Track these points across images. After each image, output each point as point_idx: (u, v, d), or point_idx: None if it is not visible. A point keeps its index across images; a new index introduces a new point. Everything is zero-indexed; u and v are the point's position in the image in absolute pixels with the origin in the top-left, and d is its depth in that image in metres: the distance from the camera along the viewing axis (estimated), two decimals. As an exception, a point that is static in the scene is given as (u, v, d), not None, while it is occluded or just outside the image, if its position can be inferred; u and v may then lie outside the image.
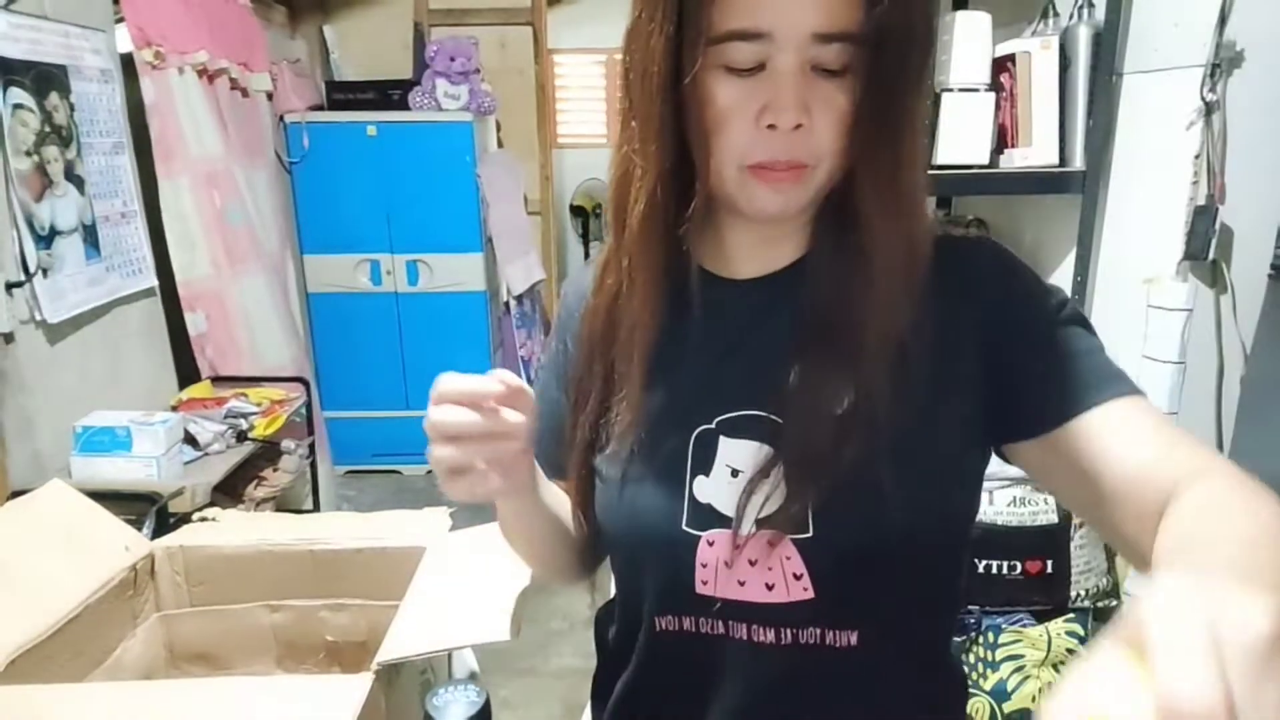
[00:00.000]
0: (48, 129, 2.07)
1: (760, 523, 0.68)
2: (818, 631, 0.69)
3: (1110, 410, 0.64)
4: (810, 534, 0.67)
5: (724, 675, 0.73)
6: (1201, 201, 1.79)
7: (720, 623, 0.71)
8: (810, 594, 0.68)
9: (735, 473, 0.69)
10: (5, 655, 0.85)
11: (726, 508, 0.69)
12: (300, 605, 1.12)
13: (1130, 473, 0.61)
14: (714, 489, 0.70)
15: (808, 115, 0.63)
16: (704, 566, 0.70)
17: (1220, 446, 1.86)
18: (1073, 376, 0.66)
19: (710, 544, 0.70)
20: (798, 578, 0.68)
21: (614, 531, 0.76)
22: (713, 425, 0.70)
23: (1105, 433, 0.63)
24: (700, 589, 0.70)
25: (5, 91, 1.94)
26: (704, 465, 0.71)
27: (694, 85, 0.64)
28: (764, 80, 0.63)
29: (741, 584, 0.69)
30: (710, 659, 0.73)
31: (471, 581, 0.95)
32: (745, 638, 0.71)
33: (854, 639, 0.69)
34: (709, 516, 0.70)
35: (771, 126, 0.63)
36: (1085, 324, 0.70)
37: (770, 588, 0.68)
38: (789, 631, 0.70)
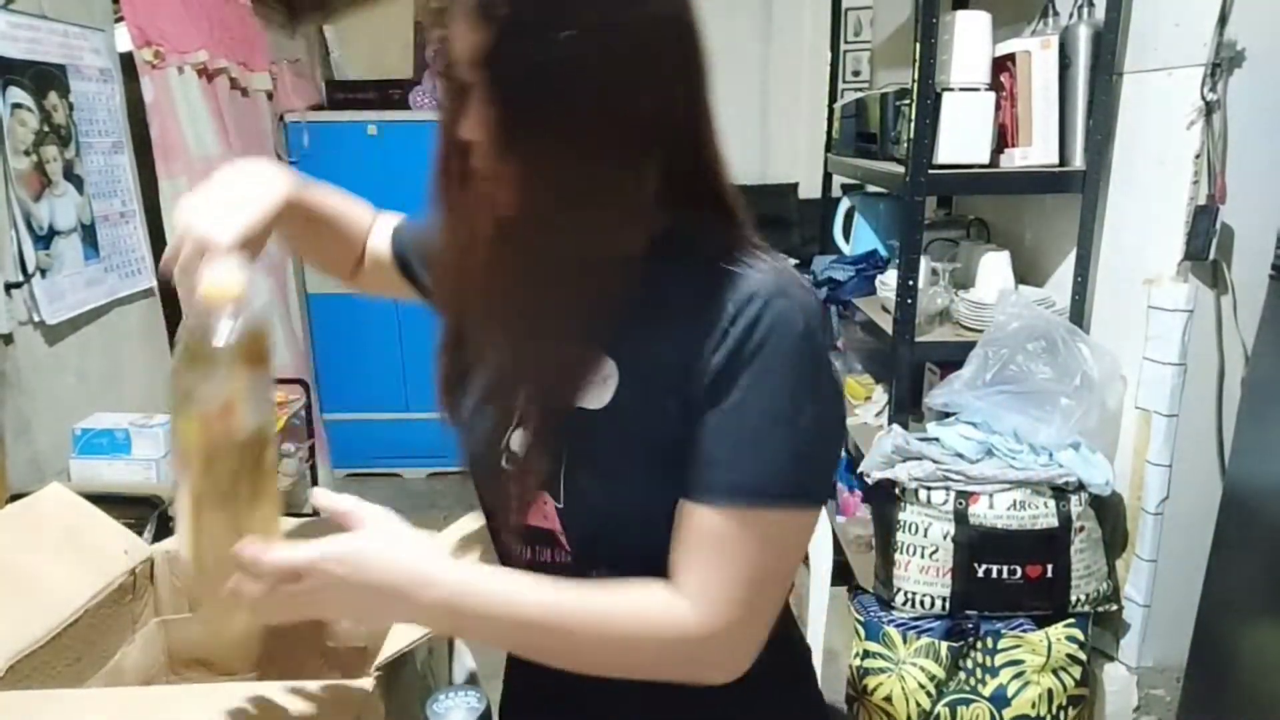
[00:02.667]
0: (46, 128, 2.07)
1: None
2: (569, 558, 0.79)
3: (691, 512, 0.71)
4: (562, 504, 0.76)
5: None
6: (1202, 201, 1.78)
7: (548, 550, 0.80)
8: (570, 558, 0.78)
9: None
10: (4, 660, 0.85)
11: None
12: (299, 609, 1.12)
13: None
14: (522, 437, 0.79)
15: None
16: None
17: (1221, 448, 1.86)
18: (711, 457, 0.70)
19: None
20: (559, 536, 0.78)
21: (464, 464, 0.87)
22: None
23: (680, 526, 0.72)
24: (533, 520, 0.79)
25: (4, 91, 1.93)
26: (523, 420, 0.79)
27: None
28: None
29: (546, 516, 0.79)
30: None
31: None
32: (549, 560, 0.80)
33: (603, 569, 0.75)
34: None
35: None
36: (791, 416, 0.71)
37: (545, 517, 0.78)
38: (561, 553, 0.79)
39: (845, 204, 3.03)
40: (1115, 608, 1.95)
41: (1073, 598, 1.85)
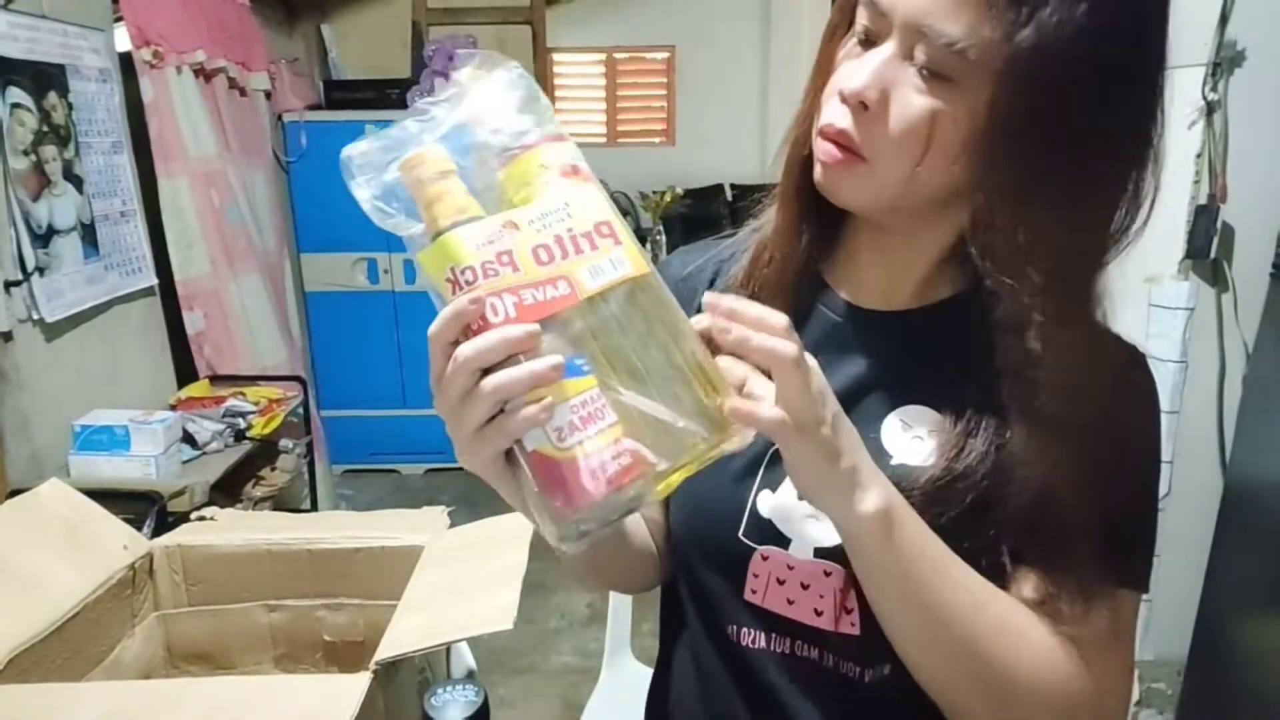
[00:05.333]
0: (45, 128, 2.07)
1: (820, 552, 0.67)
2: (856, 668, 0.68)
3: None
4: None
5: (761, 688, 0.72)
6: (1203, 200, 1.79)
7: (762, 635, 0.71)
8: (856, 630, 0.66)
9: (802, 496, 0.64)
10: (4, 653, 0.85)
11: (786, 527, 0.68)
12: (298, 605, 1.12)
13: None
14: (777, 506, 0.69)
15: (881, 101, 0.59)
16: (755, 577, 0.70)
17: (1222, 444, 1.85)
18: (1104, 542, 0.62)
19: (765, 559, 0.69)
20: (848, 611, 0.66)
21: (674, 525, 0.76)
22: None
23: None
24: (749, 597, 0.70)
25: (3, 91, 1.93)
26: (773, 482, 0.70)
27: (838, 54, 0.65)
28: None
29: (791, 602, 0.68)
30: (749, 669, 0.72)
31: (469, 576, 0.95)
32: (787, 652, 0.70)
33: (886, 670, 0.67)
34: (767, 532, 0.69)
35: (841, 95, 0.61)
36: (1157, 485, 0.68)
37: (819, 614, 0.67)
38: (831, 657, 0.69)
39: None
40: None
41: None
